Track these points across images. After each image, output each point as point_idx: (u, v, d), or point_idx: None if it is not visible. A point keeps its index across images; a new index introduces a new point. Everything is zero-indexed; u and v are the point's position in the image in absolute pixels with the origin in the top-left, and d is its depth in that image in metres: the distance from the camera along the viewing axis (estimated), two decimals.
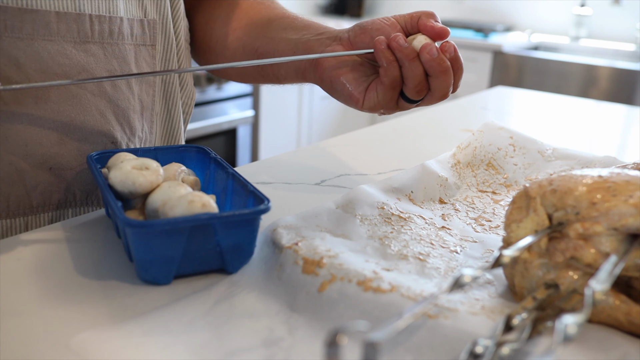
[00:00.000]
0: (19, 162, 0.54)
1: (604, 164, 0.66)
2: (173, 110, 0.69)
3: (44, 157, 0.55)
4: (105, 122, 0.59)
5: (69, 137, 0.57)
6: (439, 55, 0.54)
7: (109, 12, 0.58)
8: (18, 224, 0.56)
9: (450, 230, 0.54)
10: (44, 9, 0.53)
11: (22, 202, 0.55)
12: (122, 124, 0.60)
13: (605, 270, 0.37)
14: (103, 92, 0.58)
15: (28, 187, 0.55)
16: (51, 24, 0.54)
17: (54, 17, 0.54)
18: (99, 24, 0.57)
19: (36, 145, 0.55)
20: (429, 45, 0.54)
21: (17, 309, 0.40)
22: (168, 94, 0.68)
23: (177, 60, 0.68)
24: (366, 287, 0.40)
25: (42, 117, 0.55)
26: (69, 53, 0.55)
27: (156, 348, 0.37)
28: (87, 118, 0.57)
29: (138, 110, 0.62)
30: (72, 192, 0.58)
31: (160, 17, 0.64)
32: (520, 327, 0.36)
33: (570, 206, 0.40)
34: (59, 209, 0.58)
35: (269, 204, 0.45)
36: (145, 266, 0.43)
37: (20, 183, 0.55)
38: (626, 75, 2.40)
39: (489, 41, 2.66)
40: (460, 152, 0.69)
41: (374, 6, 3.59)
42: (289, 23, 0.67)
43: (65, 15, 0.54)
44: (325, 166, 0.75)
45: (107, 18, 0.57)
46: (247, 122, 2.43)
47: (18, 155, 0.54)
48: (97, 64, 0.57)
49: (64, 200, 0.58)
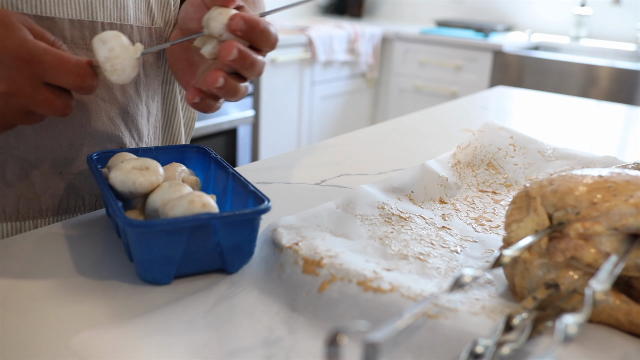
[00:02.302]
0: (30, 166, 0.55)
1: (604, 164, 0.66)
2: (173, 116, 0.70)
3: (55, 162, 0.56)
4: (114, 127, 0.60)
5: (80, 143, 0.57)
6: (239, 56, 0.51)
7: (120, 20, 0.59)
8: (27, 227, 0.57)
9: (451, 230, 0.54)
10: (58, 17, 0.54)
11: (32, 206, 0.56)
12: (130, 129, 0.62)
13: (605, 270, 0.37)
14: (113, 99, 0.59)
15: (38, 191, 0.56)
16: (65, 31, 0.54)
17: (68, 25, 0.55)
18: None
19: (47, 150, 0.56)
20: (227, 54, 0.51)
21: (17, 308, 0.40)
22: (168, 100, 0.69)
23: None
24: (366, 287, 0.40)
25: (53, 123, 0.55)
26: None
27: (156, 348, 0.37)
28: (98, 124, 0.58)
29: (145, 116, 0.64)
30: (82, 196, 0.59)
31: (165, 25, 0.65)
32: (521, 327, 0.36)
33: (571, 206, 0.40)
34: (68, 213, 0.59)
35: (269, 204, 0.45)
36: (145, 266, 0.43)
37: (30, 187, 0.56)
38: (626, 75, 2.39)
39: (489, 41, 2.66)
40: (461, 152, 0.69)
41: (374, 6, 3.59)
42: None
43: (79, 23, 0.55)
44: (325, 166, 0.75)
45: (119, 26, 0.58)
46: (248, 122, 2.43)
47: (29, 160, 0.55)
48: None
49: (73, 204, 0.59)
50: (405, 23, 3.40)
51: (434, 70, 2.85)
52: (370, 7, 3.59)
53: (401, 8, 3.49)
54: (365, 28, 2.87)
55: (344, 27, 2.79)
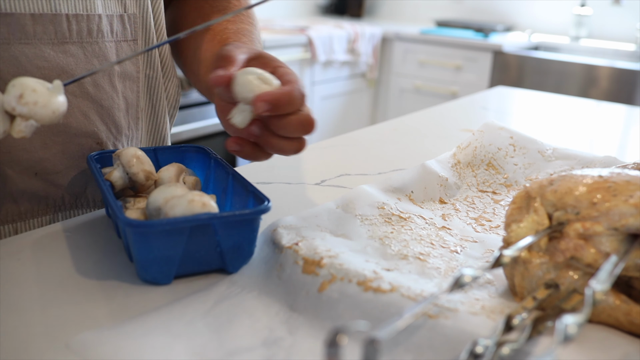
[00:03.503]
0: (4, 169, 0.53)
1: (604, 164, 0.66)
2: (158, 105, 0.68)
3: (29, 162, 0.54)
4: (89, 122, 0.57)
5: (53, 141, 0.55)
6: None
7: (86, 10, 0.56)
8: (7, 231, 0.55)
9: (451, 230, 0.54)
10: (18, 12, 0.51)
11: (10, 209, 0.55)
12: (107, 123, 0.59)
13: (605, 270, 0.37)
14: (85, 93, 0.57)
15: (15, 194, 0.54)
16: (27, 26, 0.52)
17: (30, 20, 0.52)
18: (77, 23, 0.55)
19: (20, 151, 0.53)
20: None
21: (17, 308, 0.40)
22: (152, 89, 0.66)
23: (159, 54, 0.66)
24: (366, 287, 0.40)
25: None
26: (47, 55, 0.54)
27: (156, 348, 0.37)
28: (70, 120, 0.56)
29: (123, 108, 0.61)
30: (61, 196, 0.57)
31: (141, 11, 0.62)
32: (521, 327, 0.36)
33: (571, 206, 0.40)
34: (48, 214, 0.57)
35: (269, 204, 0.45)
36: (145, 266, 0.43)
37: (6, 190, 0.54)
38: (626, 75, 2.39)
39: (489, 41, 2.66)
40: (461, 152, 0.69)
41: (374, 6, 3.59)
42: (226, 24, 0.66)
43: (40, 16, 0.53)
44: (325, 166, 0.75)
45: (85, 17, 0.56)
46: None
47: (2, 162, 0.53)
48: (77, 64, 0.56)
49: (52, 204, 0.57)
50: (405, 23, 3.40)
51: (433, 70, 2.85)
52: (370, 7, 3.59)
53: (401, 8, 3.49)
54: (365, 28, 2.87)
55: (344, 27, 2.79)
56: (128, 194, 0.53)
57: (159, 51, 0.67)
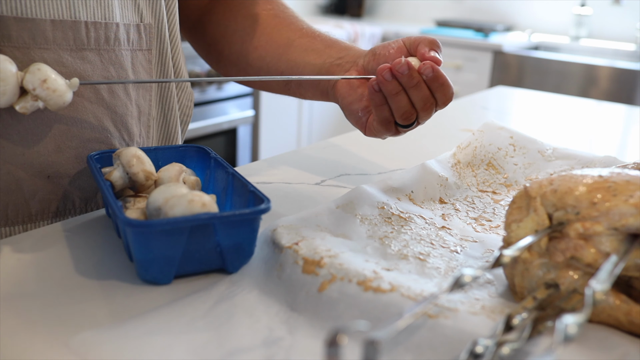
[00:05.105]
0: (17, 171, 0.54)
1: (604, 164, 0.66)
2: (169, 114, 0.69)
3: (42, 165, 0.55)
4: (102, 129, 0.59)
5: (67, 145, 0.56)
6: (408, 72, 0.57)
7: (104, 18, 0.57)
8: (17, 232, 0.56)
9: (451, 230, 0.54)
10: (39, 18, 0.53)
11: (21, 211, 0.55)
12: (120, 130, 0.60)
13: (605, 270, 0.37)
14: (100, 99, 0.58)
15: (26, 196, 0.55)
16: (47, 32, 0.53)
17: (50, 25, 0.53)
18: (95, 30, 0.57)
19: (33, 154, 0.54)
20: (397, 63, 0.57)
21: (17, 308, 0.40)
22: (164, 98, 0.68)
23: (172, 64, 0.68)
24: (366, 286, 0.40)
25: (39, 126, 0.54)
26: (66, 61, 0.55)
27: (156, 348, 0.37)
28: (84, 126, 0.57)
29: (135, 116, 0.62)
30: (71, 199, 0.58)
31: (156, 21, 0.63)
32: (521, 327, 0.36)
33: (571, 206, 0.40)
34: (58, 217, 0.58)
35: (269, 204, 0.45)
36: (145, 266, 0.43)
37: (18, 191, 0.55)
38: (626, 75, 2.39)
39: (489, 41, 2.66)
40: (461, 152, 0.69)
41: (374, 6, 3.59)
42: (310, 44, 0.69)
43: (60, 23, 0.54)
44: (325, 166, 0.75)
45: (103, 24, 0.57)
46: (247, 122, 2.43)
47: (16, 164, 0.54)
48: (94, 70, 0.57)
49: (62, 207, 0.58)
50: (405, 23, 3.39)
51: None
52: (370, 7, 3.59)
53: (401, 8, 3.49)
54: (365, 28, 2.87)
55: (344, 27, 2.79)
56: (128, 194, 0.53)
57: (173, 62, 0.68)
